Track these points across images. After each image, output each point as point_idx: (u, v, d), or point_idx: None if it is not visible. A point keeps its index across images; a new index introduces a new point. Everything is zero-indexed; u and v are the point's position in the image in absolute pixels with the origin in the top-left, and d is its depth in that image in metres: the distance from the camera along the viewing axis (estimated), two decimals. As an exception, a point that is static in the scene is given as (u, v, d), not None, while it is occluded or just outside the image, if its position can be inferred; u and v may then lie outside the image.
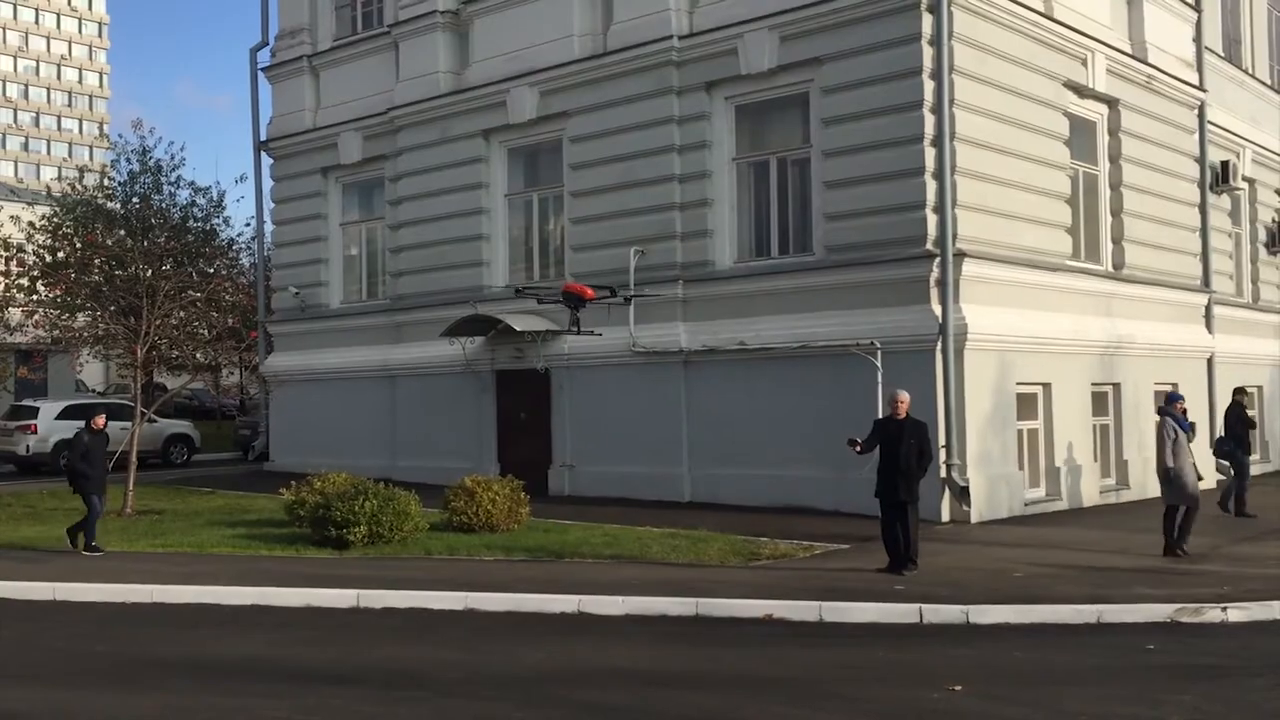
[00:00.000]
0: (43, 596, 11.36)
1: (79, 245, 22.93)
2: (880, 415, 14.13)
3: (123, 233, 22.02)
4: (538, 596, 10.83)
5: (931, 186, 15.86)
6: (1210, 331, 21.88)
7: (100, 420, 14.50)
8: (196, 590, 11.33)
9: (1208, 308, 21.93)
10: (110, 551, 13.95)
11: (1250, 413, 17.90)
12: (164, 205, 26.30)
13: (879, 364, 15.89)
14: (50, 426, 26.32)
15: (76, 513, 17.74)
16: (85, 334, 20.34)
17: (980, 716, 6.97)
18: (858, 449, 12.52)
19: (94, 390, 40.26)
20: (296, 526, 14.91)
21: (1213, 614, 9.95)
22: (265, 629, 10.05)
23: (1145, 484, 19.27)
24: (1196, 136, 21.90)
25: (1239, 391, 17.72)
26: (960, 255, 15.75)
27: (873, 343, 16.03)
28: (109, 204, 27.35)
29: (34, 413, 26.77)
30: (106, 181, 29.36)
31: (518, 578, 11.83)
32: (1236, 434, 16.98)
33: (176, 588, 11.40)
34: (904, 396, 12.42)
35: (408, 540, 14.12)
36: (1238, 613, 9.98)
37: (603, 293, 17.22)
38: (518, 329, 19.47)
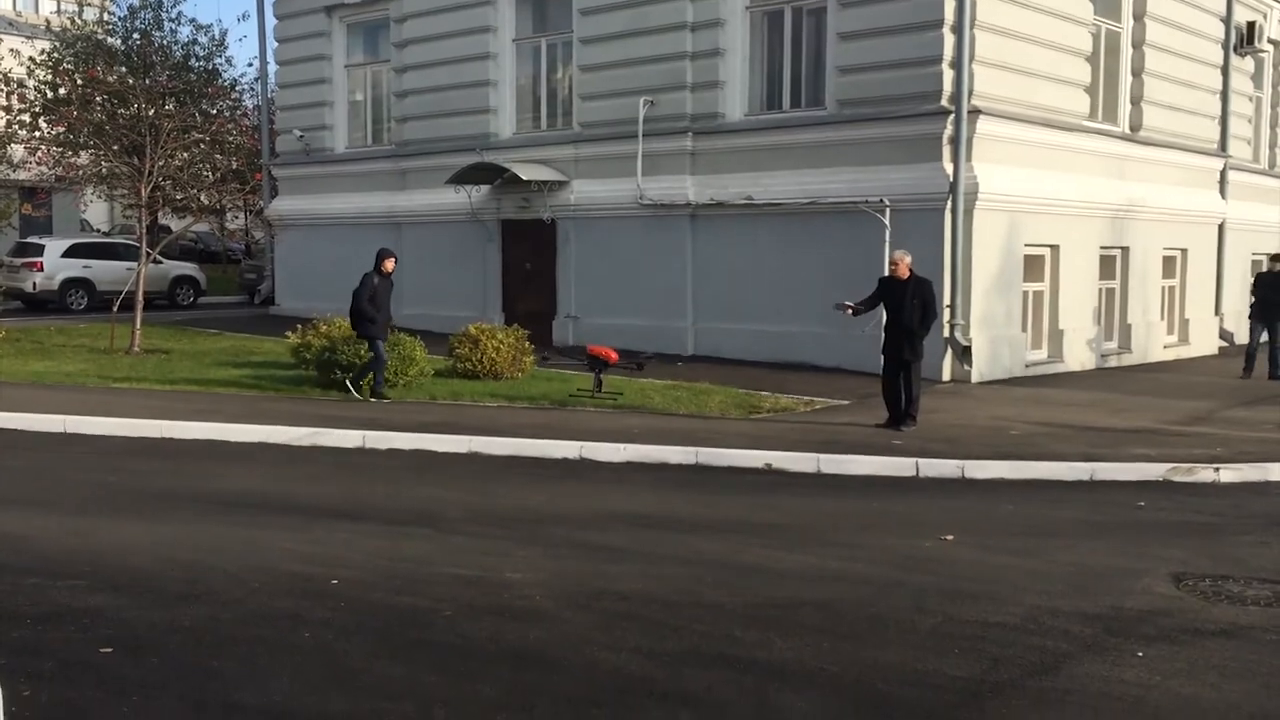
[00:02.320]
0: (53, 429, 11.52)
1: (80, 82, 22.56)
2: (885, 273, 14.11)
3: (124, 70, 21.64)
4: (540, 442, 10.98)
5: (949, 40, 15.49)
6: (1224, 197, 21.67)
7: (390, 263, 13.80)
8: (205, 427, 11.49)
9: (1223, 173, 21.67)
10: (119, 388, 14.11)
11: None
12: (165, 42, 25.76)
13: (887, 222, 15.78)
14: (56, 265, 26.32)
15: (85, 350, 17.94)
16: (89, 171, 20.16)
17: (971, 564, 7.14)
18: (849, 311, 12.50)
19: (98, 230, 40.14)
20: (302, 369, 15.04)
21: (1205, 474, 10.10)
22: (272, 466, 10.22)
23: (1147, 348, 19.40)
24: (1225, -5, 21.33)
25: (1277, 259, 17.79)
26: (975, 113, 15.48)
27: (881, 200, 15.89)
28: (109, 40, 26.81)
29: (40, 250, 26.72)
30: (106, 16, 28.75)
31: (521, 424, 11.98)
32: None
33: (185, 424, 11.55)
34: (902, 257, 12.31)
35: (412, 385, 14.27)
36: (1230, 473, 10.13)
37: (629, 364, 16.96)
38: (524, 178, 19.30)
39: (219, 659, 5.21)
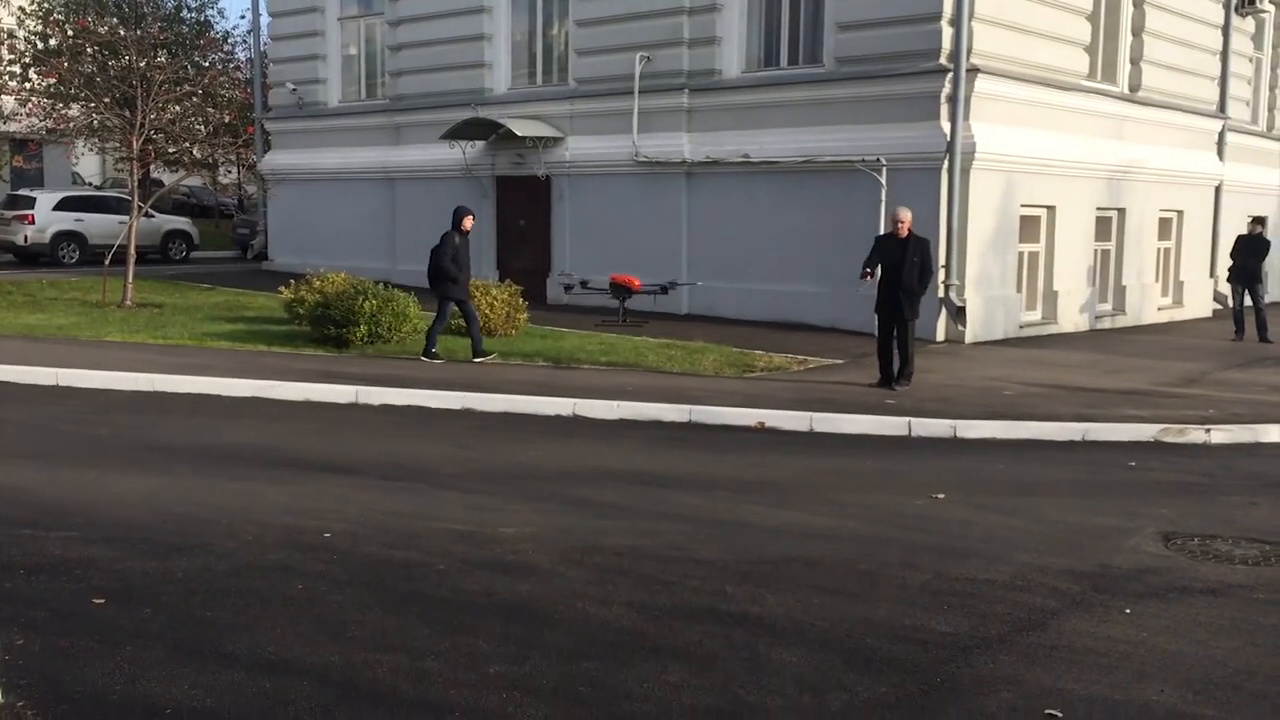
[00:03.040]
0: (45, 382, 11.50)
1: (71, 32, 22.37)
2: (881, 232, 14.07)
3: (115, 20, 21.46)
4: (533, 399, 10.99)
5: (949, -3, 15.37)
6: (1221, 159, 21.60)
7: (468, 221, 13.48)
8: (197, 381, 11.47)
9: (1221, 134, 21.58)
10: (111, 342, 14.07)
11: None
12: (156, -8, 25.48)
13: (883, 181, 15.71)
14: (48, 218, 26.14)
15: (77, 303, 17.88)
16: (80, 124, 20.02)
17: (961, 522, 7.17)
18: (868, 277, 12.35)
19: (90, 183, 39.87)
20: (296, 325, 15.02)
21: (1196, 435, 10.14)
22: (265, 420, 10.23)
23: (1141, 310, 19.41)
24: (1227, -48, 21.16)
25: (1259, 221, 17.77)
26: (974, 71, 15.38)
27: (878, 159, 15.81)
28: (100, -10, 26.50)
29: (31, 202, 26.53)
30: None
31: (514, 381, 11.98)
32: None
33: (177, 378, 11.53)
34: (906, 215, 12.24)
35: (406, 341, 14.25)
36: (1220, 434, 10.17)
37: (652, 288, 16.80)
38: (519, 134, 19.17)
39: (212, 610, 5.23)
